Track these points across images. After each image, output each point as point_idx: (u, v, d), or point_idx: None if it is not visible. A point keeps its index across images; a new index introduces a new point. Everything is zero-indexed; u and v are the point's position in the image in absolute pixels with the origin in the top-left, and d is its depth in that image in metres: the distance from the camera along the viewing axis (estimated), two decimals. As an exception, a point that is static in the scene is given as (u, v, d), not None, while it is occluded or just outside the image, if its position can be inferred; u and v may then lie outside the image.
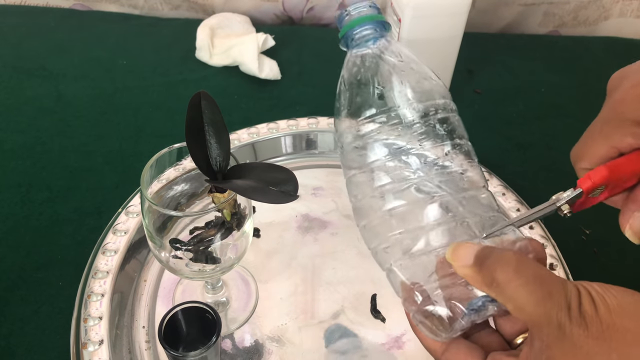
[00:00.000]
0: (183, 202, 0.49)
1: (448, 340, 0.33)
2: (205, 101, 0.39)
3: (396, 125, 0.35)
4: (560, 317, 0.27)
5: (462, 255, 0.31)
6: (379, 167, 0.36)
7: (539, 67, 0.82)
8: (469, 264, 0.30)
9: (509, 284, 0.29)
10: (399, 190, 0.35)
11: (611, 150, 0.35)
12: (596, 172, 0.34)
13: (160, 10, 0.89)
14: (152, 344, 0.48)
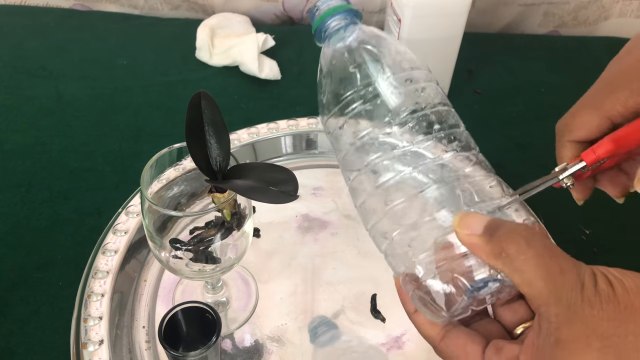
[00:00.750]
0: (183, 202, 0.49)
1: (447, 323, 0.32)
2: (205, 101, 0.39)
3: (383, 111, 0.35)
4: (571, 296, 0.26)
5: (471, 223, 0.29)
6: (370, 144, 0.35)
7: (539, 67, 0.82)
8: (477, 232, 0.29)
9: (518, 256, 0.27)
10: (390, 164, 0.34)
11: (602, 120, 0.35)
12: (600, 145, 0.33)
13: (160, 10, 0.89)
14: (152, 344, 0.48)
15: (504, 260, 0.28)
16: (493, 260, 0.28)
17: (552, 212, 0.58)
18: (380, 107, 0.35)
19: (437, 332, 0.33)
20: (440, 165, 0.34)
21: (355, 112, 0.36)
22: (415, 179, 0.34)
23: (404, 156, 0.34)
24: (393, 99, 0.35)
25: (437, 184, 0.33)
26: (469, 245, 0.30)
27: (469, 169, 0.34)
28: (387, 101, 0.35)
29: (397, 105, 0.35)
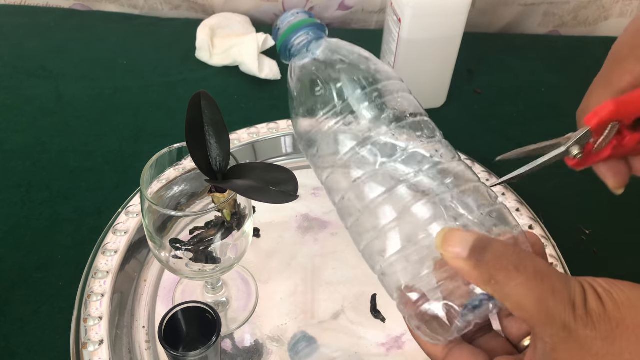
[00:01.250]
0: (183, 202, 0.49)
1: (448, 343, 0.32)
2: (205, 101, 0.39)
3: (352, 119, 0.35)
4: (564, 317, 0.25)
5: (455, 243, 0.28)
6: (351, 161, 0.34)
7: (539, 67, 0.82)
8: (463, 256, 0.27)
9: (508, 282, 0.26)
10: (374, 179, 0.34)
11: (615, 95, 0.34)
12: (603, 107, 0.32)
13: (160, 10, 0.89)
14: (152, 344, 0.48)
15: (494, 287, 0.27)
16: (482, 285, 0.28)
17: (552, 212, 0.58)
18: (355, 123, 0.34)
19: (440, 350, 0.32)
20: (425, 176, 0.33)
21: (331, 130, 0.35)
22: (402, 194, 0.33)
23: (387, 171, 0.34)
24: (367, 113, 0.34)
25: (424, 198, 0.32)
26: (455, 268, 0.28)
27: (452, 178, 0.33)
28: (360, 116, 0.34)
29: (372, 119, 0.34)
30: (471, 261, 0.27)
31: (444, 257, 0.28)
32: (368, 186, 0.33)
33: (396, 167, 0.33)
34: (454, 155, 0.35)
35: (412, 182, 0.33)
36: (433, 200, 0.32)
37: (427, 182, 0.33)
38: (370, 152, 0.34)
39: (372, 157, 0.34)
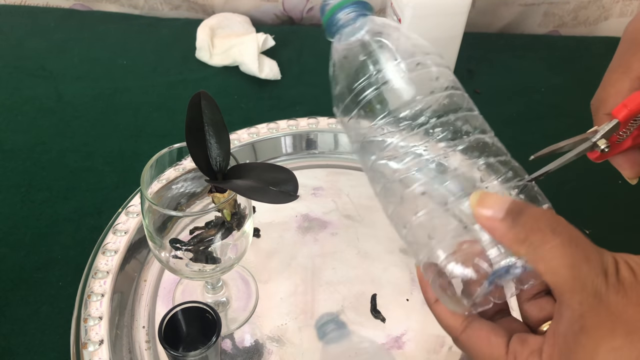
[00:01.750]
0: (183, 202, 0.49)
1: (469, 315, 0.32)
2: (205, 101, 0.39)
3: (397, 98, 0.34)
4: (596, 283, 0.25)
5: (491, 204, 0.28)
6: (388, 124, 0.34)
7: (539, 67, 0.82)
8: (498, 217, 0.27)
9: (544, 244, 0.26)
10: (409, 148, 0.33)
11: (634, 82, 0.33)
12: (633, 99, 0.31)
13: (160, 10, 0.89)
14: (152, 344, 0.48)
15: (528, 248, 0.27)
16: (516, 246, 0.27)
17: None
18: (393, 94, 0.34)
19: (459, 322, 0.32)
20: (460, 149, 0.33)
21: (369, 99, 0.35)
22: (435, 162, 0.33)
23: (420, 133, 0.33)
24: (405, 86, 0.34)
25: (458, 167, 0.32)
26: (489, 228, 0.28)
27: (486, 151, 0.34)
28: (400, 88, 0.34)
29: (411, 92, 0.34)
30: (507, 222, 0.27)
31: (477, 217, 0.28)
32: (402, 148, 0.33)
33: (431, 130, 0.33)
34: (488, 131, 0.36)
35: (444, 153, 0.33)
36: (467, 165, 0.32)
37: (460, 154, 0.33)
38: (408, 117, 0.34)
39: (409, 120, 0.34)
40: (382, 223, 0.58)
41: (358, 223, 0.58)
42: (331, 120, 0.66)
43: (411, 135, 0.33)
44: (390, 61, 0.35)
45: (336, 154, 0.65)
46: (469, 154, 0.33)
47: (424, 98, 0.34)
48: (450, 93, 0.35)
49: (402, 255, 0.55)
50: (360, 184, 0.62)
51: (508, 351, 0.30)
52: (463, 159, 0.33)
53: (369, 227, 0.58)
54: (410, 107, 0.34)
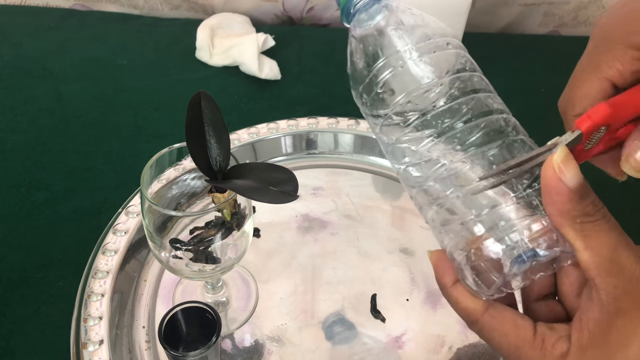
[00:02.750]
0: (183, 202, 0.49)
1: (490, 298, 0.31)
2: (205, 101, 0.39)
3: (416, 80, 0.34)
4: (634, 270, 0.26)
5: (569, 171, 0.28)
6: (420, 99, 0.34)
7: (539, 67, 0.82)
8: (570, 184, 0.27)
9: (594, 225, 0.27)
10: (433, 123, 0.33)
11: (602, 83, 0.32)
12: (596, 110, 0.30)
13: (160, 10, 0.89)
14: (152, 344, 0.48)
15: (576, 226, 0.27)
16: (566, 218, 0.28)
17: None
18: (412, 76, 0.34)
19: (480, 304, 0.31)
20: (485, 123, 0.33)
21: (387, 80, 0.34)
22: (461, 137, 0.32)
23: (446, 118, 0.33)
24: (424, 68, 0.34)
25: (486, 145, 0.32)
26: (554, 189, 0.28)
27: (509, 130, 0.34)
28: (418, 71, 0.34)
29: (429, 74, 0.34)
30: (574, 195, 0.27)
31: (548, 172, 0.28)
32: (434, 122, 0.33)
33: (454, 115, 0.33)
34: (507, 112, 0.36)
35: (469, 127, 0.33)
36: (494, 147, 0.32)
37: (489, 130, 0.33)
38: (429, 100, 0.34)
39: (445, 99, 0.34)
40: (382, 223, 0.58)
41: (358, 223, 0.58)
42: (331, 120, 0.66)
43: (438, 114, 0.33)
44: (407, 44, 0.35)
45: (336, 154, 0.65)
46: (492, 135, 0.33)
47: (442, 79, 0.34)
48: (470, 74, 0.35)
49: (402, 255, 0.55)
50: (360, 184, 0.62)
51: (536, 334, 0.30)
52: (492, 133, 0.32)
53: (369, 227, 0.58)
54: (430, 90, 0.33)
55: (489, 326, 0.31)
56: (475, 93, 0.34)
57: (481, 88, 0.35)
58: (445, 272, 0.33)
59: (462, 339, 0.49)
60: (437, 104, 0.33)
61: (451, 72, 0.35)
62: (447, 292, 0.33)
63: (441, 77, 0.34)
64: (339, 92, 0.74)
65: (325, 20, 0.89)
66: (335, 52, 0.81)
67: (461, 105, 0.33)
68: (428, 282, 0.53)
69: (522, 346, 0.30)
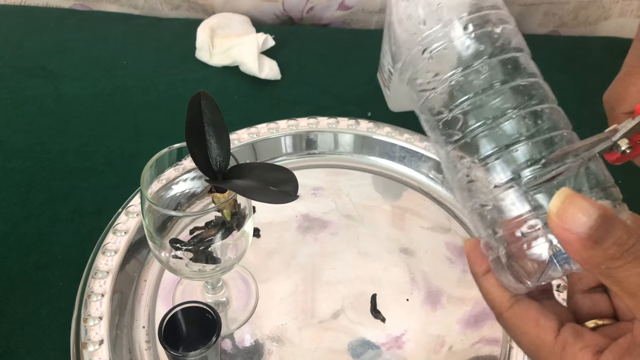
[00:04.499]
0: (183, 202, 0.49)
1: (524, 290, 0.30)
2: (205, 101, 0.39)
3: (463, 55, 0.33)
4: None
5: (575, 217, 0.24)
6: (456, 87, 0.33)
7: (539, 67, 0.81)
8: (580, 231, 0.24)
9: (623, 272, 0.24)
10: (479, 108, 0.32)
11: None
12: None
13: (160, 10, 0.89)
14: (152, 344, 0.48)
15: (603, 271, 0.25)
16: (588, 267, 0.25)
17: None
18: (454, 51, 0.33)
19: (507, 298, 0.31)
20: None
21: (436, 53, 0.33)
22: (510, 126, 0.31)
23: (491, 102, 0.32)
24: (470, 43, 0.33)
25: (534, 136, 0.30)
26: (562, 240, 0.25)
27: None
28: (463, 45, 0.33)
29: (475, 49, 0.33)
30: (588, 241, 0.24)
31: (552, 224, 0.25)
32: (477, 114, 0.32)
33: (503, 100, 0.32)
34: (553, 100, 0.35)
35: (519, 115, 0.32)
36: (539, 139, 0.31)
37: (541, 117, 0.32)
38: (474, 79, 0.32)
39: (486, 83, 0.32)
40: (382, 223, 0.58)
41: (358, 223, 0.58)
42: (331, 120, 0.66)
43: (482, 94, 0.32)
44: (458, 18, 0.33)
45: (336, 154, 0.65)
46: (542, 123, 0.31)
47: (489, 57, 0.32)
48: (512, 56, 0.34)
49: (402, 255, 0.55)
50: (360, 184, 0.62)
51: (557, 337, 0.29)
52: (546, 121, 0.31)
53: (369, 227, 0.58)
54: (477, 65, 0.32)
55: (512, 322, 0.31)
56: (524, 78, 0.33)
57: (529, 72, 0.34)
58: (477, 261, 0.33)
59: (462, 339, 0.49)
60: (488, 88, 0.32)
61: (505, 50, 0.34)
62: (478, 281, 0.33)
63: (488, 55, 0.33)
64: (339, 92, 0.74)
65: (325, 20, 0.89)
66: (335, 52, 0.81)
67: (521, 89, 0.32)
68: (428, 282, 0.53)
69: (541, 348, 0.29)
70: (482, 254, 0.32)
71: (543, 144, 0.31)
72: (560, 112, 0.34)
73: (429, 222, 0.58)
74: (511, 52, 0.34)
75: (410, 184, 0.62)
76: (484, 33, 0.34)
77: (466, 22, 0.33)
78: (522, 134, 0.31)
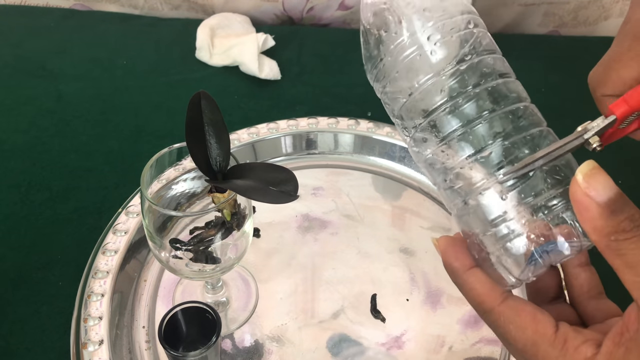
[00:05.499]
0: (183, 202, 0.49)
1: (514, 284, 0.30)
2: (205, 101, 0.39)
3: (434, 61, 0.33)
4: None
5: (598, 186, 0.26)
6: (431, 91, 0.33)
7: (539, 67, 0.82)
8: (599, 199, 0.25)
9: (630, 245, 0.25)
10: (455, 111, 0.32)
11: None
12: (632, 94, 0.29)
13: (160, 10, 0.89)
14: (152, 344, 0.48)
15: (610, 243, 0.26)
16: (599, 237, 0.26)
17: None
18: (429, 58, 0.33)
19: (499, 293, 0.30)
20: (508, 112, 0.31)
21: (410, 58, 0.33)
22: (485, 127, 0.31)
23: (463, 107, 0.32)
24: (441, 49, 0.33)
25: (510, 135, 0.31)
26: (580, 205, 0.26)
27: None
28: (437, 51, 0.33)
29: (446, 54, 0.33)
30: (605, 210, 0.25)
31: (574, 188, 0.26)
32: (470, 107, 0.32)
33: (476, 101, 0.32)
34: (524, 98, 0.35)
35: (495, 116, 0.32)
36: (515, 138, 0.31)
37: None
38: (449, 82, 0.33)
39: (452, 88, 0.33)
40: (382, 223, 0.58)
41: (358, 223, 0.58)
42: (331, 120, 0.66)
43: (457, 97, 0.32)
44: (424, 25, 0.33)
45: (336, 154, 0.65)
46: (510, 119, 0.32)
47: (459, 63, 0.33)
48: (485, 57, 0.34)
49: (402, 255, 0.55)
50: (360, 184, 0.62)
51: (557, 332, 0.28)
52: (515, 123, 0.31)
53: (369, 227, 0.58)
54: (449, 71, 0.32)
55: (506, 317, 0.29)
56: (499, 78, 0.33)
57: (503, 72, 0.34)
58: (458, 256, 0.31)
59: (462, 339, 0.49)
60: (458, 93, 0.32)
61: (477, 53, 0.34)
62: (460, 278, 0.31)
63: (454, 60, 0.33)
64: (339, 92, 0.74)
65: (325, 20, 0.89)
66: (335, 52, 0.81)
67: (483, 93, 0.32)
68: (428, 282, 0.53)
69: (540, 343, 0.28)
70: (462, 249, 0.31)
71: (521, 142, 0.31)
72: (534, 110, 0.34)
73: (429, 222, 0.58)
74: (483, 54, 0.34)
75: (410, 184, 0.62)
76: (453, 39, 0.34)
77: (431, 32, 0.33)
78: (498, 134, 0.31)
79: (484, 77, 0.34)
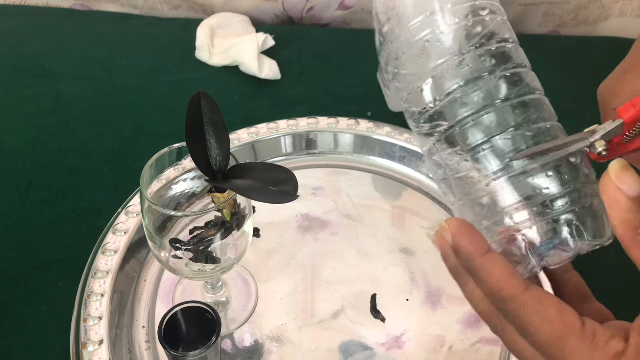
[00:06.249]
0: (183, 202, 0.49)
1: (527, 275, 0.30)
2: (205, 101, 0.39)
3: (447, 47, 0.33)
4: None
5: (629, 180, 0.27)
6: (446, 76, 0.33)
7: (539, 67, 0.81)
8: (630, 193, 0.26)
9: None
10: (468, 97, 0.32)
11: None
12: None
13: (160, 10, 0.89)
14: (152, 344, 0.48)
15: (636, 237, 0.26)
16: (626, 229, 0.27)
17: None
18: (443, 43, 0.32)
19: (521, 281, 0.28)
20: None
21: (425, 41, 0.33)
22: (500, 117, 0.31)
23: (480, 92, 0.32)
24: (455, 35, 0.32)
25: (524, 126, 0.31)
26: (611, 198, 0.27)
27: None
28: (449, 36, 0.32)
29: (460, 41, 0.32)
30: (635, 205, 0.26)
31: (605, 182, 0.27)
32: (478, 96, 0.32)
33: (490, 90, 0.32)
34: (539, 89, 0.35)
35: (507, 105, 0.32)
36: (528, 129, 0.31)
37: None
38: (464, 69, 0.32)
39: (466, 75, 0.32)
40: (382, 223, 0.58)
41: (358, 223, 0.58)
42: (331, 120, 0.66)
43: (471, 85, 0.32)
44: (441, 11, 0.33)
45: (336, 154, 0.65)
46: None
47: (476, 48, 0.32)
48: (502, 45, 0.34)
49: (402, 255, 0.55)
50: (360, 184, 0.62)
51: (585, 325, 0.27)
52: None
53: (369, 227, 0.58)
54: (464, 56, 0.32)
55: (530, 307, 0.28)
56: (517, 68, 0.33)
57: (517, 62, 0.34)
58: (473, 239, 0.29)
59: (462, 339, 0.49)
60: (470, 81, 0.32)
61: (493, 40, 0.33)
62: (477, 261, 0.29)
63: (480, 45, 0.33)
64: (339, 92, 0.74)
65: (325, 20, 0.89)
66: (335, 52, 0.81)
67: (499, 82, 0.32)
68: (428, 282, 0.53)
69: (568, 336, 0.27)
70: (476, 232, 0.30)
71: (533, 133, 0.31)
72: (546, 103, 0.34)
73: (429, 222, 0.58)
74: (499, 43, 0.34)
75: (410, 184, 0.62)
76: (473, 23, 0.33)
77: (453, 13, 0.33)
78: (510, 124, 0.31)
79: (500, 63, 0.33)
